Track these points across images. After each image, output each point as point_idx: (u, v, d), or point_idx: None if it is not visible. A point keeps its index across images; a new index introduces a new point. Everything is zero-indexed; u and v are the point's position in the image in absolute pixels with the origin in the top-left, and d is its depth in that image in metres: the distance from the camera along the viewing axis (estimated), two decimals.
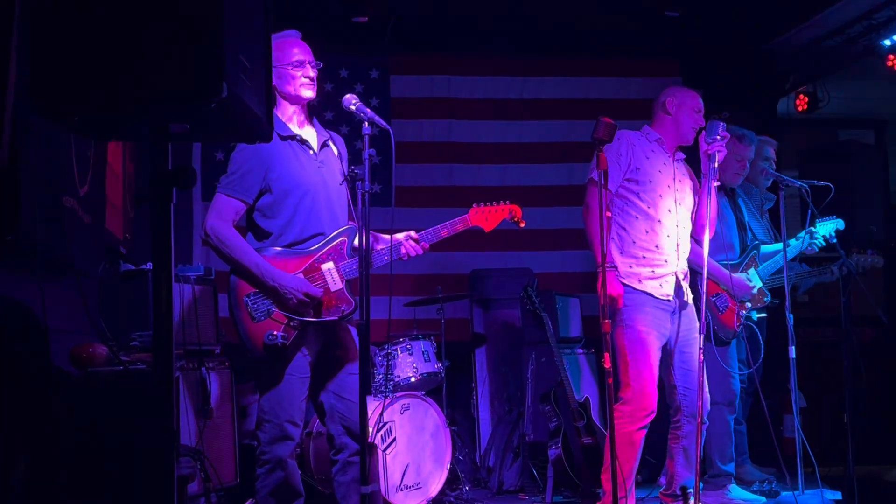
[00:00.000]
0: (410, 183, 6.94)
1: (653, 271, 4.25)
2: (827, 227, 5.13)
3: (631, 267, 4.25)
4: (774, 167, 5.65)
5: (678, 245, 4.33)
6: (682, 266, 4.36)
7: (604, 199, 3.60)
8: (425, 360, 5.40)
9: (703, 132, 4.24)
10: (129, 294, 4.25)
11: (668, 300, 4.27)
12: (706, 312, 4.30)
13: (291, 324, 3.46)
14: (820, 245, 5.15)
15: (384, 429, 4.99)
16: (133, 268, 4.44)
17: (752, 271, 5.10)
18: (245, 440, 5.17)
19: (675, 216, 4.33)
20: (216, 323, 4.79)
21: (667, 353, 4.29)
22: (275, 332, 3.42)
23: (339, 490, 3.61)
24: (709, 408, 4.33)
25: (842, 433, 5.01)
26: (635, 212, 4.28)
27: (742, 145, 5.21)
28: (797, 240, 5.16)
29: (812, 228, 5.13)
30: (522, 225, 3.90)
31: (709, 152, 4.18)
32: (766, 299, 5.12)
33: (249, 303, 3.45)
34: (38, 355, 2.96)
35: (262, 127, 2.17)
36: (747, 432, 5.63)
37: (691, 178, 4.51)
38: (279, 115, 3.61)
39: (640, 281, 4.23)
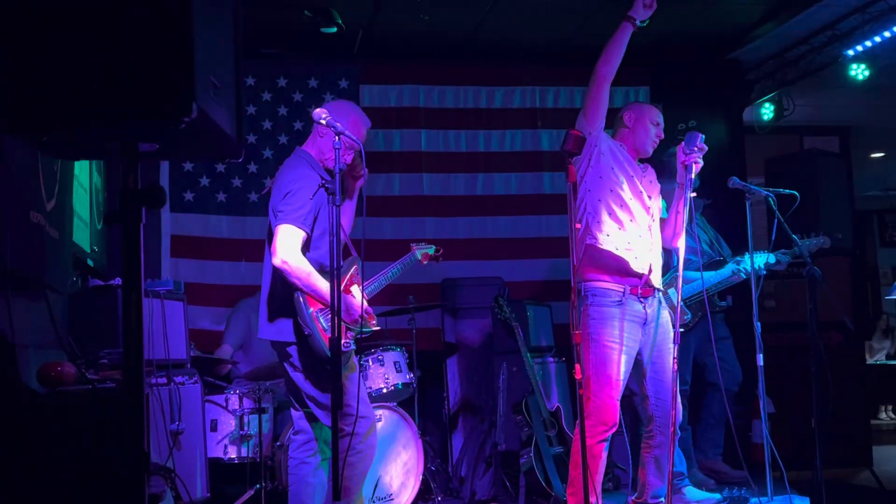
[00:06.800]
0: (381, 192, 6.94)
1: (629, 243, 4.24)
2: (757, 261, 5.18)
3: (608, 235, 4.20)
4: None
5: (651, 248, 4.31)
6: (657, 274, 4.34)
7: (573, 211, 3.61)
8: (397, 371, 5.39)
9: (682, 143, 4.23)
10: (97, 309, 4.23)
11: (640, 310, 4.25)
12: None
13: (349, 332, 3.94)
14: (740, 279, 5.33)
15: None
16: (102, 283, 4.41)
17: (671, 291, 5.08)
18: (216, 454, 5.13)
19: (646, 220, 4.31)
20: (186, 337, 4.76)
21: (639, 363, 4.29)
22: (345, 341, 3.83)
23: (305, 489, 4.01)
24: (681, 418, 4.35)
25: (810, 438, 5.06)
26: (607, 210, 4.22)
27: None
28: (717, 274, 5.38)
29: (739, 259, 5.31)
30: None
31: (686, 163, 4.16)
32: (686, 318, 5.26)
33: (321, 317, 3.82)
34: (5, 373, 2.93)
35: (233, 146, 2.17)
36: (722, 437, 5.85)
37: (657, 187, 4.49)
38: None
39: (616, 249, 4.18)
